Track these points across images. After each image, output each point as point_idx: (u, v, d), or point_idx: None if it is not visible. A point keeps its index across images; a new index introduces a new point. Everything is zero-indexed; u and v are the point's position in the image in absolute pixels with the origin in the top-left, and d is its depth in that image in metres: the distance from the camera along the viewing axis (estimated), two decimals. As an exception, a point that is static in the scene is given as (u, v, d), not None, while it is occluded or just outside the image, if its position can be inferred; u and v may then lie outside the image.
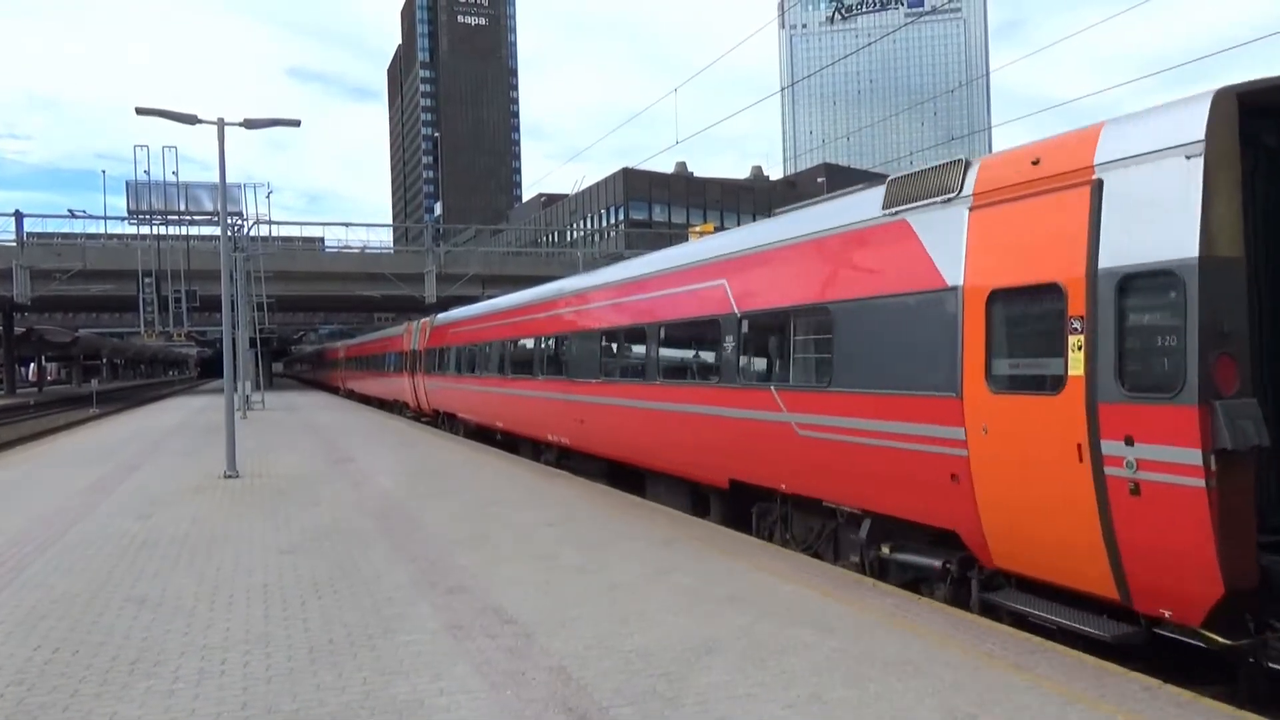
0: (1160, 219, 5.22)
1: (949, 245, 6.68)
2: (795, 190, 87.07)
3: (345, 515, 10.92)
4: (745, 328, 9.46)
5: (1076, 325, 5.64)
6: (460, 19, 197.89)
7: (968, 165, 6.80)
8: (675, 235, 63.81)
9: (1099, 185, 5.60)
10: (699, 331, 10.57)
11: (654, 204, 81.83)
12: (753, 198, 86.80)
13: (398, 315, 70.30)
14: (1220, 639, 5.27)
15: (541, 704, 4.89)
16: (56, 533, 10.01)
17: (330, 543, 9.29)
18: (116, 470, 15.84)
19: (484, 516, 10.66)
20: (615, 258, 46.02)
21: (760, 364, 9.32)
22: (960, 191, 6.72)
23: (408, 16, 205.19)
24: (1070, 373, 5.65)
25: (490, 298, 24.64)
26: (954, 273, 6.60)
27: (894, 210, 7.37)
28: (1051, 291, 5.83)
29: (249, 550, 9.00)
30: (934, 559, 7.21)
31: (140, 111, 14.86)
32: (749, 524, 9.92)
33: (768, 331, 9.19)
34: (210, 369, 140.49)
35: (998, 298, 6.24)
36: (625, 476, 13.65)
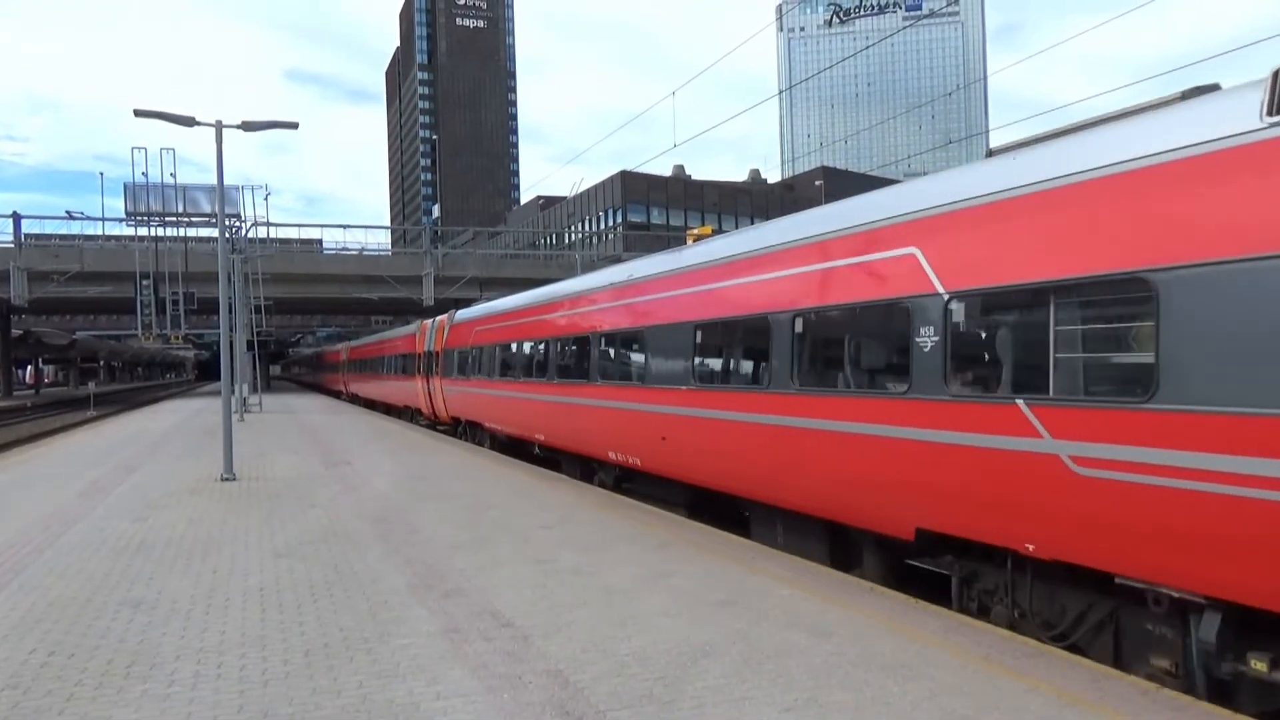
0: None
1: None
2: (793, 193, 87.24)
3: (342, 518, 10.91)
4: (960, 314, 6.72)
5: None
6: (458, 21, 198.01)
7: None
8: (673, 238, 63.86)
9: None
10: (867, 321, 7.82)
11: (652, 206, 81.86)
12: (750, 200, 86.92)
13: (395, 318, 70.37)
14: None
15: (538, 707, 4.88)
16: (53, 535, 9.98)
17: (327, 546, 9.28)
18: (113, 473, 15.82)
19: (481, 520, 10.65)
20: (613, 260, 46.02)
21: (993, 366, 6.48)
22: None
23: (406, 19, 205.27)
24: None
25: (489, 299, 23.51)
26: None
27: None
28: None
29: (245, 553, 8.98)
30: None
31: (138, 114, 14.86)
32: (925, 585, 7.82)
33: (1006, 318, 6.46)
34: (207, 372, 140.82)
35: None
36: (717, 508, 11.08)
